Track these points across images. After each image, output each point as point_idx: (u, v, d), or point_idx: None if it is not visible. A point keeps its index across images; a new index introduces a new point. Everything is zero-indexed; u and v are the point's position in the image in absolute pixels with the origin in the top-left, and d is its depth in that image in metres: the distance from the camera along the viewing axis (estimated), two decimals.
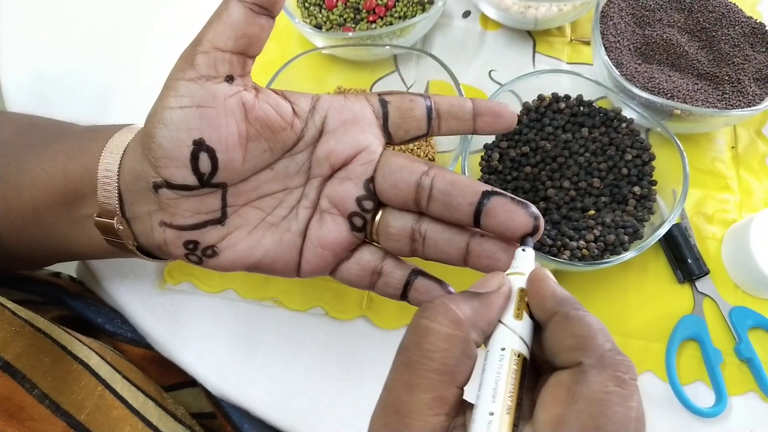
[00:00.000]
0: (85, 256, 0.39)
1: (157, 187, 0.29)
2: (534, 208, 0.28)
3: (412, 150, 0.49)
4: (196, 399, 0.46)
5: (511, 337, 0.24)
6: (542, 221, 0.28)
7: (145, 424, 0.37)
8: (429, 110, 0.31)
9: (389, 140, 0.32)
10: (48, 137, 0.36)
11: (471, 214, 0.28)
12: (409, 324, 0.24)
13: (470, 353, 0.23)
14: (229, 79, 0.28)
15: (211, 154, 0.28)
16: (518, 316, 0.25)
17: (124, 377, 0.38)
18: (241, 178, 0.30)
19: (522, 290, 0.26)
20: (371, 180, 0.31)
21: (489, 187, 0.28)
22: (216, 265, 0.31)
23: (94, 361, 0.36)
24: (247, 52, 0.29)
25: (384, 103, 0.31)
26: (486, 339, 0.25)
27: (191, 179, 0.29)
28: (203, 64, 0.28)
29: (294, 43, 0.57)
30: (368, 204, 0.31)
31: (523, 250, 0.27)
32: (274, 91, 0.31)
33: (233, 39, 0.28)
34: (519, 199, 0.28)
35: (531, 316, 0.25)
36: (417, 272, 0.32)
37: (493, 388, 0.22)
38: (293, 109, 0.30)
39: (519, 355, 0.24)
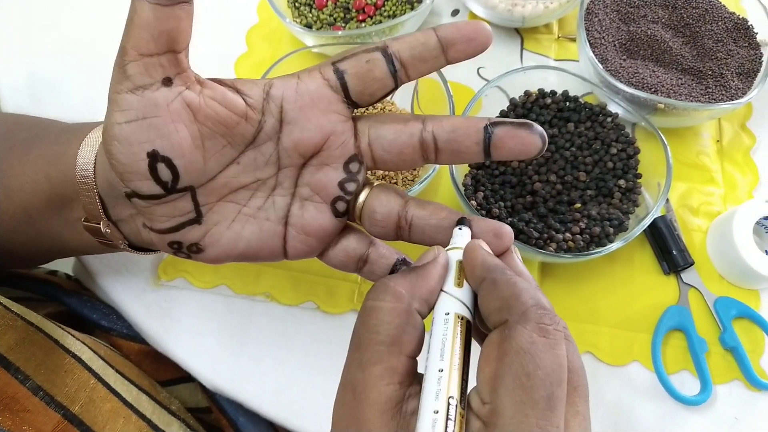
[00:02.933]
0: (82, 253, 0.39)
1: (129, 196, 0.29)
2: (538, 127, 0.28)
3: None
4: (191, 394, 0.47)
5: (454, 303, 0.26)
6: (546, 138, 0.28)
7: (139, 416, 0.38)
8: (390, 64, 0.29)
9: (356, 107, 0.30)
10: (27, 139, 0.36)
11: (481, 152, 0.29)
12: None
13: (414, 323, 0.25)
14: (167, 81, 0.27)
15: (168, 162, 0.28)
16: (459, 284, 0.26)
17: (117, 371, 0.39)
18: (208, 177, 0.30)
19: (460, 262, 0.27)
20: (350, 161, 0.30)
21: (488, 120, 0.29)
22: (204, 259, 0.32)
23: (87, 355, 0.37)
24: (174, 48, 0.26)
25: (340, 74, 0.29)
26: (430, 309, 0.26)
27: (156, 189, 0.28)
28: (136, 74, 0.26)
29: (284, 42, 0.58)
30: (351, 186, 0.31)
31: (459, 228, 0.29)
32: (220, 81, 0.29)
33: (152, 41, 0.26)
34: (520, 121, 0.28)
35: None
36: (402, 262, 0.32)
37: (440, 348, 0.24)
38: (245, 101, 0.29)
39: (462, 318, 0.25)
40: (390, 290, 0.25)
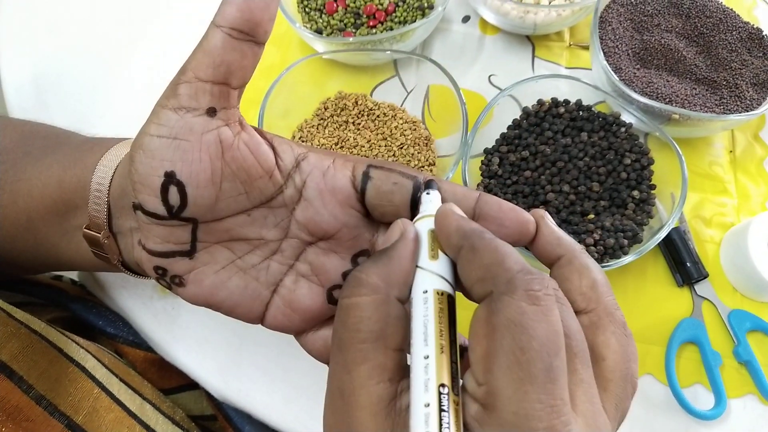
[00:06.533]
0: (73, 267, 0.38)
1: (135, 207, 0.29)
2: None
3: (412, 155, 0.49)
4: (197, 401, 0.46)
5: (431, 278, 0.23)
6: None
7: (143, 426, 0.37)
8: (414, 201, 0.27)
9: (366, 215, 0.29)
10: (45, 146, 0.36)
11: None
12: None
13: (396, 312, 0.23)
14: (211, 111, 0.27)
15: (181, 188, 0.27)
16: (434, 257, 0.24)
17: (121, 380, 0.38)
18: (215, 217, 0.29)
19: (432, 231, 0.25)
20: (359, 254, 0.30)
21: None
22: (183, 294, 0.30)
23: (91, 364, 0.36)
24: (229, 82, 0.27)
25: (365, 178, 0.29)
26: (410, 291, 0.24)
27: (161, 209, 0.28)
28: (185, 95, 0.26)
29: (294, 47, 0.57)
30: None
31: (427, 193, 0.27)
32: (262, 133, 0.29)
33: (212, 67, 0.26)
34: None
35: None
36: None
37: (423, 332, 0.21)
38: (276, 161, 0.29)
39: (442, 294, 0.23)
40: (363, 282, 0.23)
